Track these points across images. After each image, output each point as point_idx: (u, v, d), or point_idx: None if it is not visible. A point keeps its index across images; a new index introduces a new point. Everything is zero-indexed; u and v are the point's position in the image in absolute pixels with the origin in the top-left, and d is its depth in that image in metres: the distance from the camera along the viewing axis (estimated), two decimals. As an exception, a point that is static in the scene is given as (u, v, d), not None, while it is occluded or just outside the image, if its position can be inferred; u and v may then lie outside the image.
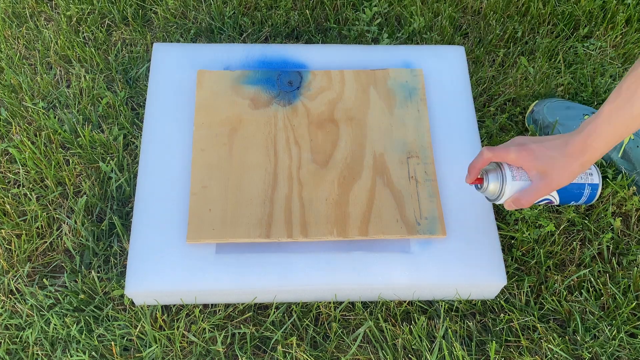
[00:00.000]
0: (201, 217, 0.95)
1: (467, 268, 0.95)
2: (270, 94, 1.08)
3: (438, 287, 0.96)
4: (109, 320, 0.96)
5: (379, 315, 0.98)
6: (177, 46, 1.15)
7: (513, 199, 0.84)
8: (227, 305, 0.98)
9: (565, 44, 1.32)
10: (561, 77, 1.26)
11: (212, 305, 0.98)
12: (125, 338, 0.95)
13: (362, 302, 0.99)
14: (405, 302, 0.99)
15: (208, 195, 0.97)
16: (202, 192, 0.98)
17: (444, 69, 1.14)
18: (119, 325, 0.95)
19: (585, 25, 1.35)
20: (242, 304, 0.98)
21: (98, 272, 1.00)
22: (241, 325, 0.96)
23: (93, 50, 1.25)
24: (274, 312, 0.97)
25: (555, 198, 0.86)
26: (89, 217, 1.06)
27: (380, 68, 1.13)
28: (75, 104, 1.18)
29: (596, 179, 0.87)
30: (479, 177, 0.86)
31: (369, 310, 0.99)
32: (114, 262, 1.02)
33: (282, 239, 0.94)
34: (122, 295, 0.98)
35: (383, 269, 0.94)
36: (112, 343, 0.93)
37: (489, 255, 0.96)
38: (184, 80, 1.10)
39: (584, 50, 1.32)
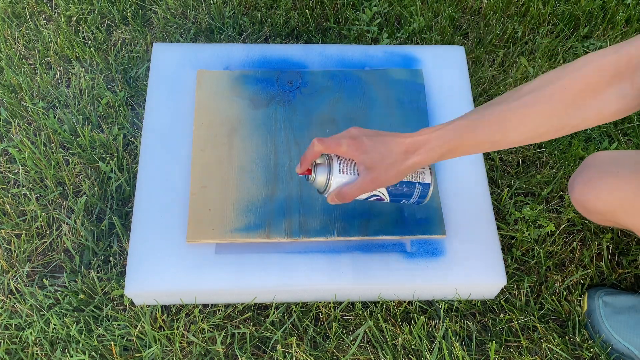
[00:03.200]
0: (201, 217, 0.95)
1: (467, 268, 0.95)
2: (270, 94, 1.08)
3: (438, 287, 0.96)
4: (109, 320, 0.96)
5: (379, 315, 0.98)
6: (177, 46, 1.15)
7: (336, 193, 0.81)
8: (226, 305, 0.98)
9: (565, 44, 1.32)
10: (561, 77, 1.26)
11: (211, 305, 0.98)
12: (125, 338, 0.95)
13: (362, 302, 0.99)
14: (405, 302, 0.99)
15: (208, 195, 0.97)
16: (202, 192, 0.98)
17: (444, 69, 1.14)
18: (119, 325, 0.95)
19: (585, 25, 1.35)
20: (242, 304, 0.98)
21: (98, 272, 1.00)
22: (241, 325, 0.96)
23: (93, 50, 1.24)
24: (274, 312, 0.97)
25: (384, 195, 0.84)
26: (89, 217, 1.06)
27: (380, 68, 1.13)
28: (75, 104, 1.18)
29: (428, 178, 0.84)
30: (309, 168, 0.83)
31: (368, 310, 0.99)
32: (113, 262, 1.02)
33: (282, 239, 0.94)
34: (121, 295, 0.98)
35: (383, 269, 0.94)
36: (112, 343, 0.93)
37: (489, 255, 0.96)
38: (183, 80, 1.10)
39: (584, 50, 1.32)
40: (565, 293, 1.02)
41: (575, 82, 0.71)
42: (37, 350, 0.93)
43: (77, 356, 0.92)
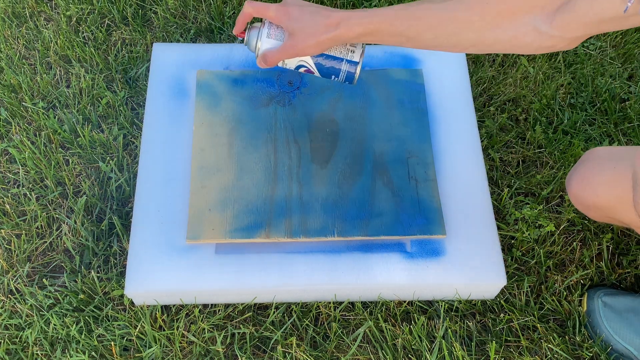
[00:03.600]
0: (201, 217, 0.95)
1: (467, 268, 0.95)
2: (270, 94, 1.08)
3: (438, 287, 0.96)
4: (109, 321, 0.96)
5: (379, 315, 0.98)
6: (177, 46, 1.15)
7: (262, 56, 0.84)
8: (226, 305, 0.98)
9: (565, 44, 1.32)
10: (561, 77, 1.26)
11: (211, 305, 0.98)
12: (125, 338, 0.95)
13: (362, 302, 0.99)
14: (405, 302, 0.99)
15: (208, 195, 0.97)
16: (201, 192, 0.98)
17: (444, 69, 1.14)
18: (119, 325, 0.95)
19: (585, 25, 1.35)
20: (242, 304, 0.98)
21: (98, 272, 1.00)
22: (241, 325, 0.96)
23: (93, 50, 1.25)
24: (274, 312, 0.97)
25: (312, 67, 0.86)
26: (89, 217, 1.06)
27: (380, 68, 1.13)
28: (75, 104, 1.18)
29: (356, 57, 0.85)
30: (243, 30, 0.86)
31: (368, 310, 0.99)
32: (113, 262, 1.02)
33: (282, 239, 0.94)
34: (121, 295, 0.98)
35: (383, 269, 0.94)
36: (112, 343, 0.93)
37: (489, 255, 0.96)
38: (183, 80, 1.10)
39: (584, 50, 1.32)
40: (565, 293, 1.02)
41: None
42: (37, 350, 0.93)
43: (77, 356, 0.92)
